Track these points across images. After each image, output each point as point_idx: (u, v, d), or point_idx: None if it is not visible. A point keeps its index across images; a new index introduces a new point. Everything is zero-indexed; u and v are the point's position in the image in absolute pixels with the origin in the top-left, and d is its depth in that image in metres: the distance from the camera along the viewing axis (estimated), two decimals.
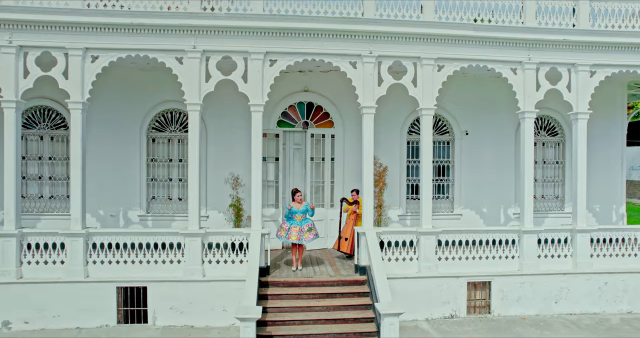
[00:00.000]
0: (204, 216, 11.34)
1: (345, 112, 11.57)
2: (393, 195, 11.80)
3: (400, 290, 8.73)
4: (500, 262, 9.28)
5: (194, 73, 8.60)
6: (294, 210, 9.05)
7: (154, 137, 11.54)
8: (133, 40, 8.46)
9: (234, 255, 8.76)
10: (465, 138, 12.09)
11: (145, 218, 11.41)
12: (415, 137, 12.04)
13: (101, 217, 11.29)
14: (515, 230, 9.35)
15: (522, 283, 9.19)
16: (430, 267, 8.97)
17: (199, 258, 8.59)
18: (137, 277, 8.50)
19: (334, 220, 11.52)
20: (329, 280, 8.66)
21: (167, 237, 8.66)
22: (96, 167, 11.07)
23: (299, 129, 11.61)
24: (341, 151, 11.65)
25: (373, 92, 8.93)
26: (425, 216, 9.03)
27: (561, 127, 12.43)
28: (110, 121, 11.20)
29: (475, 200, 12.11)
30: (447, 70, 9.15)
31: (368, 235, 8.74)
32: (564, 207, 12.49)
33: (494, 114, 12.06)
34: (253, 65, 8.72)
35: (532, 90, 9.24)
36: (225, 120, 11.34)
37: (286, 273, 8.95)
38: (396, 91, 9.45)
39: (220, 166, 11.37)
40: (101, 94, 11.06)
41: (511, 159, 12.21)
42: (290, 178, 11.65)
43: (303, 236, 9.00)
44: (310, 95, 11.65)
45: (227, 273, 8.68)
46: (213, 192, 11.43)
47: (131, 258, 8.56)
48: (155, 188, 11.55)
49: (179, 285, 8.52)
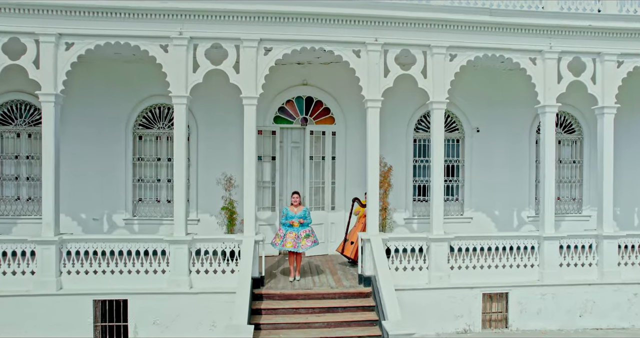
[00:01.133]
0: (194, 220, 10.52)
1: (347, 108, 10.73)
2: (398, 197, 10.96)
3: (408, 303, 7.88)
4: (519, 271, 8.43)
5: (180, 62, 7.75)
6: (290, 215, 8.20)
7: (141, 134, 10.70)
8: (112, 26, 7.60)
9: (225, 264, 7.91)
10: (476, 135, 11.24)
11: (131, 222, 10.57)
12: (422, 135, 11.20)
13: (83, 221, 10.46)
14: (535, 236, 8.49)
15: (543, 295, 8.34)
16: (442, 277, 8.11)
17: (185, 268, 7.73)
18: (116, 289, 7.64)
19: (335, 224, 10.69)
20: (330, 292, 7.80)
21: (150, 244, 7.81)
22: (78, 167, 10.27)
23: (297, 126, 10.75)
24: (343, 149, 10.80)
25: (379, 84, 8.08)
26: (436, 221, 8.17)
27: (579, 123, 11.59)
28: (93, 118, 10.37)
29: (487, 203, 11.27)
30: (460, 60, 8.30)
31: (373, 242, 7.88)
32: (581, 209, 11.65)
33: (507, 109, 11.22)
34: (246, 54, 7.87)
35: (553, 82, 8.38)
36: (218, 116, 10.50)
37: (282, 284, 8.09)
38: (402, 84, 8.60)
39: (212, 166, 10.53)
40: (83, 90, 10.26)
41: (525, 157, 11.38)
42: (287, 179, 10.80)
43: (300, 243, 8.14)
44: (310, 89, 10.80)
45: (216, 285, 7.82)
46: (204, 194, 10.59)
47: (110, 268, 7.70)
48: (142, 189, 10.71)
49: (163, 298, 7.66)
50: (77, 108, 10.25)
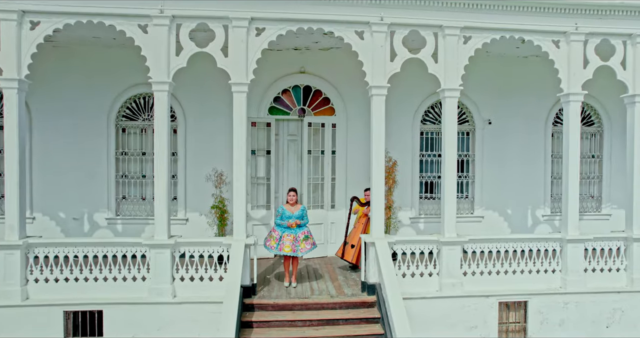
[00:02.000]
0: (182, 219, 9.70)
1: (348, 97, 9.87)
2: (404, 194, 10.12)
3: (416, 313, 7.06)
4: (539, 278, 7.60)
5: (161, 44, 6.87)
6: (286, 214, 7.37)
7: (124, 126, 9.84)
8: (84, 3, 6.70)
9: (212, 270, 7.08)
10: (488, 128, 10.39)
11: (115, 222, 9.74)
12: (430, 127, 10.35)
13: (62, 221, 9.62)
14: (556, 238, 7.66)
15: (566, 304, 7.51)
16: (455, 285, 7.29)
17: (168, 275, 6.90)
18: (90, 299, 6.80)
19: (336, 224, 9.86)
20: (330, 302, 6.97)
21: (128, 248, 6.97)
22: (56, 162, 9.46)
23: (294, 117, 9.89)
24: (344, 143, 9.95)
25: (384, 69, 7.21)
26: (448, 222, 7.32)
27: (598, 115, 10.74)
28: (72, 109, 9.51)
29: (499, 200, 10.44)
30: (475, 43, 7.43)
31: (378, 246, 7.05)
32: (600, 207, 10.83)
33: (521, 100, 10.38)
34: (235, 35, 7.00)
35: (579, 67, 7.51)
36: (208, 106, 9.64)
37: (277, 292, 7.27)
38: (408, 71, 7.74)
39: (202, 160, 9.69)
40: (61, 78, 9.42)
41: (540, 151, 10.54)
42: (283, 175, 9.96)
43: (298, 247, 7.32)
44: (308, 78, 9.93)
45: (203, 293, 7.00)
46: (193, 191, 9.76)
47: (83, 275, 6.87)
48: (126, 186, 9.87)
49: (143, 309, 6.83)
50: (54, 98, 9.42)
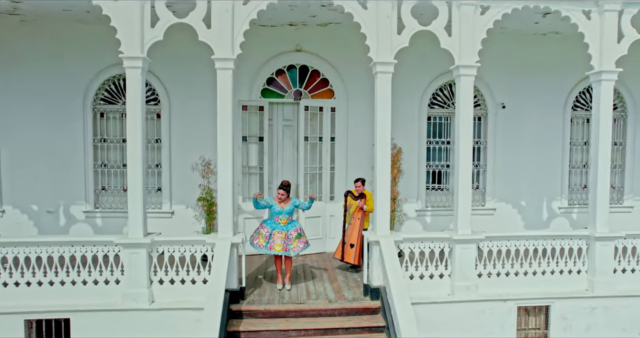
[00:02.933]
0: (167, 212, 8.89)
1: (349, 78, 8.96)
2: (409, 185, 9.27)
3: (424, 319, 6.24)
4: (562, 279, 6.78)
5: (133, 13, 5.95)
6: (275, 209, 6.51)
7: (103, 110, 8.96)
8: None
9: (195, 272, 6.25)
10: (501, 113, 9.51)
11: (93, 215, 8.92)
12: (438, 111, 9.47)
13: (35, 214, 8.80)
14: (583, 235, 6.82)
15: (593, 308, 6.71)
16: (469, 288, 6.47)
17: (144, 278, 6.07)
18: (56, 305, 5.97)
19: (335, 217, 9.02)
20: (329, 308, 6.15)
21: (99, 248, 6.13)
22: (27, 150, 8.66)
23: (289, 100, 8.99)
24: (344, 128, 9.06)
25: (391, 42, 6.29)
26: (462, 217, 6.47)
27: (622, 99, 9.84)
28: (44, 91, 8.66)
29: (512, 191, 9.61)
30: (494, 14, 6.50)
31: (383, 245, 6.21)
32: (622, 199, 10.00)
33: (538, 82, 9.49)
34: (218, 3, 6.07)
35: (612, 41, 6.59)
36: (194, 88, 8.74)
37: (269, 296, 6.45)
38: (414, 49, 6.86)
39: (188, 148, 8.82)
40: (30, 56, 8.58)
41: (557, 138, 9.68)
42: (278, 164, 9.09)
43: (290, 245, 6.48)
44: (304, 56, 9.00)
45: (185, 298, 6.18)
46: (179, 182, 8.92)
47: (48, 279, 6.04)
48: (105, 176, 9.03)
49: (116, 316, 6.01)
50: (23, 79, 8.56)
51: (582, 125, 9.89)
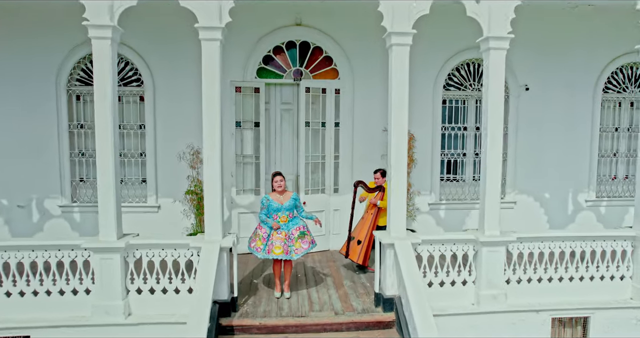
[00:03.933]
0: (153, 206, 7.97)
1: (355, 56, 7.96)
2: (422, 175, 8.35)
3: (445, 333, 5.38)
4: (603, 287, 5.89)
5: None
6: (273, 206, 5.59)
7: (79, 93, 7.98)
8: None
9: (179, 279, 5.34)
10: (524, 95, 8.54)
11: (71, 210, 8.02)
12: (454, 93, 8.50)
13: (5, 209, 7.92)
14: (628, 236, 5.91)
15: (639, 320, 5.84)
16: (496, 297, 5.58)
17: (119, 287, 5.16)
18: (12, 321, 5.07)
19: (340, 211, 8.13)
20: (335, 322, 5.26)
21: (65, 252, 5.22)
22: None
23: (288, 81, 8.00)
24: (349, 112, 8.09)
25: (409, 9, 5.30)
26: (490, 215, 5.54)
27: None
28: (11, 70, 7.70)
29: (535, 182, 8.69)
30: None
31: (399, 248, 5.29)
32: None
33: (565, 62, 8.51)
34: None
35: None
36: (182, 66, 7.74)
37: (265, 307, 5.56)
38: (429, 22, 5.82)
39: (175, 134, 7.89)
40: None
41: (586, 124, 8.72)
42: (276, 152, 8.14)
43: (292, 247, 5.57)
44: (305, 32, 7.98)
45: (167, 311, 5.28)
46: (166, 172, 7.99)
47: (4, 289, 5.14)
48: (83, 166, 8.09)
49: (85, 332, 5.12)
50: None
51: (612, 109, 8.92)
